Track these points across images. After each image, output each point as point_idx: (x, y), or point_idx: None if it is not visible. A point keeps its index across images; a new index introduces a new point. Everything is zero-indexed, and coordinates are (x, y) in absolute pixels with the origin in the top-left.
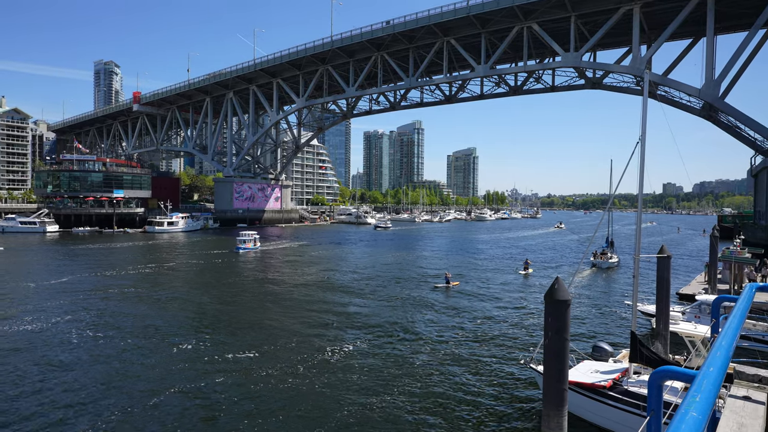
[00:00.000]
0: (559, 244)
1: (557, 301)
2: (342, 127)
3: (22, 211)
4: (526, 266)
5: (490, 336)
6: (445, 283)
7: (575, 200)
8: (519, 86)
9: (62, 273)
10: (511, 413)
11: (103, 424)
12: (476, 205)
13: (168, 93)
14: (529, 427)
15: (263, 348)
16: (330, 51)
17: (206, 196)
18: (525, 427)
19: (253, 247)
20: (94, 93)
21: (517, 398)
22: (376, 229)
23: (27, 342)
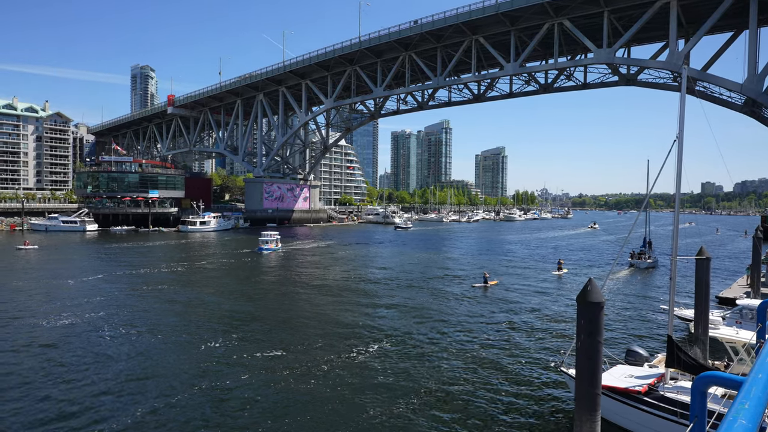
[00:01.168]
0: (592, 244)
1: (590, 303)
2: (369, 128)
3: (64, 211)
4: (559, 266)
5: (520, 337)
6: (483, 282)
7: (608, 200)
8: (549, 84)
9: (99, 271)
10: (541, 417)
11: (129, 419)
12: (505, 205)
13: (200, 95)
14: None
15: (291, 347)
16: (358, 52)
17: (237, 196)
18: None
19: (275, 248)
20: (130, 96)
21: (547, 402)
22: (396, 230)
23: (61, 337)
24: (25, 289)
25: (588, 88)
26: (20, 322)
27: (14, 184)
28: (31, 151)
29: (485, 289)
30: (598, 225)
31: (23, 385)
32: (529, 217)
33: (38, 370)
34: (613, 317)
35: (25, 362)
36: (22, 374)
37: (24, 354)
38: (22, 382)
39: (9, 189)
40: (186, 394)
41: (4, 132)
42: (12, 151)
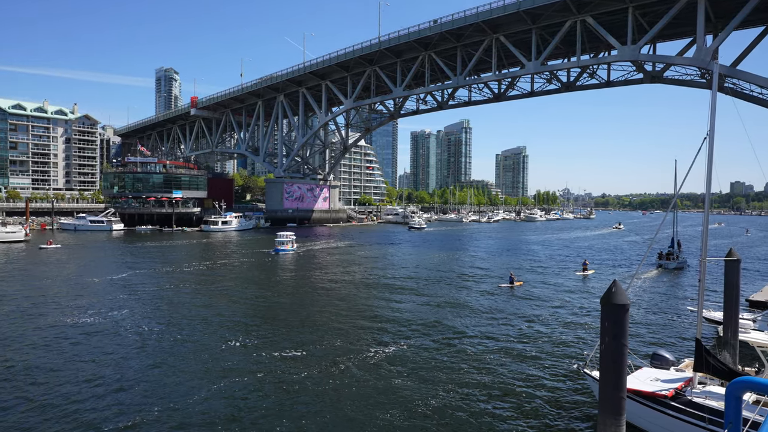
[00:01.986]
0: (618, 245)
1: (615, 305)
2: (389, 128)
3: (92, 211)
4: (584, 267)
5: (543, 338)
6: (509, 282)
7: (632, 200)
8: (572, 82)
9: (124, 269)
10: (563, 420)
11: (149, 414)
12: (526, 206)
13: (222, 97)
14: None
15: (310, 347)
16: (377, 52)
17: (258, 196)
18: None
19: (291, 249)
20: (155, 99)
21: (569, 404)
22: (410, 230)
23: (85, 333)
24: (51, 287)
25: (611, 86)
26: (46, 319)
27: (45, 185)
28: (60, 152)
29: (511, 289)
30: (623, 225)
31: (47, 380)
32: (551, 218)
33: (61, 365)
34: (639, 319)
35: (49, 357)
36: (45, 369)
37: (48, 349)
38: (46, 376)
39: (40, 189)
40: (205, 393)
41: (36, 134)
42: (43, 152)
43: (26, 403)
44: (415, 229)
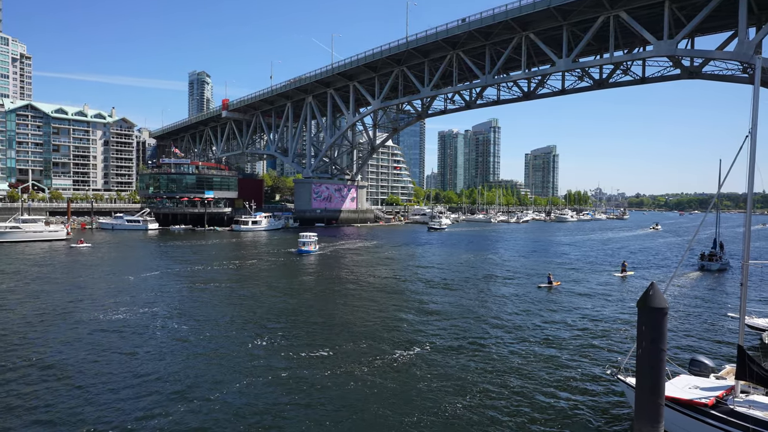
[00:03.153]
0: (656, 246)
1: (652, 309)
2: (416, 128)
3: (128, 211)
4: (623, 268)
5: (577, 341)
6: (548, 283)
7: (668, 200)
8: (604, 79)
9: (156, 267)
10: (595, 427)
11: (173, 410)
12: (556, 206)
13: (252, 99)
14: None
15: (336, 347)
16: (405, 52)
17: (287, 197)
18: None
19: (314, 250)
20: (188, 101)
21: (601, 411)
22: (429, 231)
23: (116, 330)
24: (88, 284)
25: (646, 83)
26: (81, 314)
27: (85, 186)
28: (99, 154)
29: (549, 289)
30: (660, 226)
31: (76, 373)
32: (583, 218)
33: (91, 360)
34: (677, 323)
35: (79, 353)
36: (69, 365)
37: (80, 344)
38: (76, 370)
39: (80, 190)
40: (229, 391)
41: (77, 137)
42: (83, 155)
43: (63, 393)
44: (435, 230)
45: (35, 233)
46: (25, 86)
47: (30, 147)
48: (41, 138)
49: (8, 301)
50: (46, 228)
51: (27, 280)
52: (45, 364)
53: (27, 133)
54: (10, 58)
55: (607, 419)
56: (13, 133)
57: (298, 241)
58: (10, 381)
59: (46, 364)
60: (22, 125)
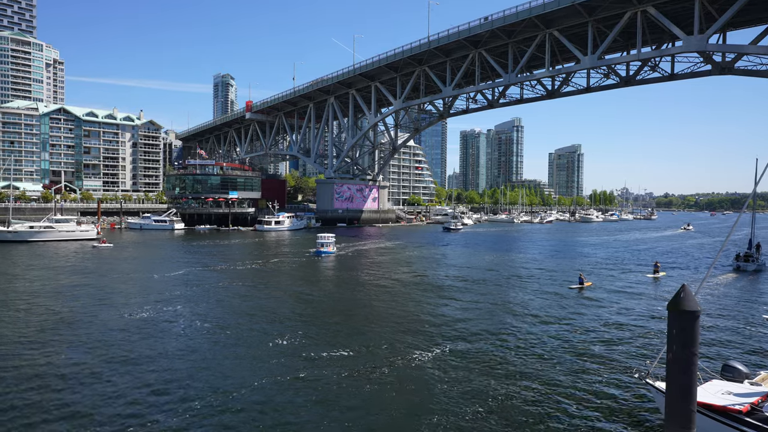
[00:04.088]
0: (689, 247)
1: (684, 312)
2: (438, 127)
3: (155, 211)
4: (656, 269)
5: (605, 343)
6: (579, 283)
7: (698, 200)
8: (631, 76)
9: (181, 266)
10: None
11: (191, 408)
12: (581, 206)
13: (275, 101)
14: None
15: (356, 348)
16: (427, 51)
17: (309, 197)
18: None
19: (333, 251)
20: (213, 104)
21: (629, 416)
22: (444, 231)
23: (139, 328)
24: (115, 282)
25: (675, 79)
26: (109, 312)
27: (114, 187)
28: (128, 156)
29: (580, 290)
30: (692, 226)
31: (99, 370)
32: (608, 219)
33: (113, 357)
34: (709, 326)
35: (103, 349)
36: (97, 361)
37: (105, 341)
38: (101, 367)
39: (110, 191)
40: (248, 390)
41: (106, 140)
42: (112, 156)
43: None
44: (450, 230)
45: (67, 233)
46: (58, 90)
47: (62, 149)
48: (73, 140)
49: (40, 298)
50: (77, 228)
51: (59, 278)
52: (71, 362)
53: (60, 136)
54: (44, 64)
55: (635, 425)
56: (46, 135)
57: (316, 242)
58: (36, 377)
59: (73, 361)
60: (55, 128)
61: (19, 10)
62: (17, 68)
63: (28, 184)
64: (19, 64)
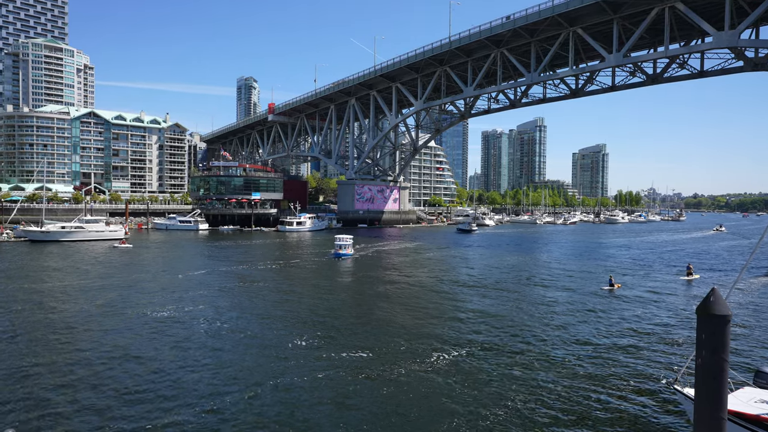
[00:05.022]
0: (721, 249)
1: (713, 316)
2: (459, 128)
3: (180, 212)
4: (689, 272)
5: (633, 347)
6: (609, 285)
7: (729, 201)
8: (659, 74)
9: (204, 266)
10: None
11: (209, 406)
12: (606, 207)
13: (297, 103)
14: None
15: (375, 349)
16: (448, 52)
17: (330, 198)
18: None
19: (351, 253)
20: (236, 106)
21: (657, 422)
22: (459, 233)
23: (160, 327)
24: (140, 281)
25: (705, 77)
26: (134, 310)
27: (141, 188)
28: (154, 158)
29: (611, 292)
30: (724, 227)
31: (119, 365)
32: (634, 219)
33: (136, 354)
34: (740, 331)
35: (126, 346)
36: (119, 357)
37: (126, 339)
38: (121, 362)
39: (137, 192)
40: (265, 389)
41: (134, 142)
42: (140, 158)
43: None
44: (464, 232)
45: (97, 233)
46: (88, 95)
47: (92, 152)
48: (102, 143)
49: (70, 296)
50: (106, 228)
51: (88, 277)
52: (97, 357)
53: (90, 139)
54: (75, 69)
55: (660, 430)
56: (77, 138)
57: (334, 244)
58: (62, 372)
59: (98, 356)
60: (85, 131)
61: (52, 18)
62: (50, 74)
63: (60, 186)
64: (51, 70)
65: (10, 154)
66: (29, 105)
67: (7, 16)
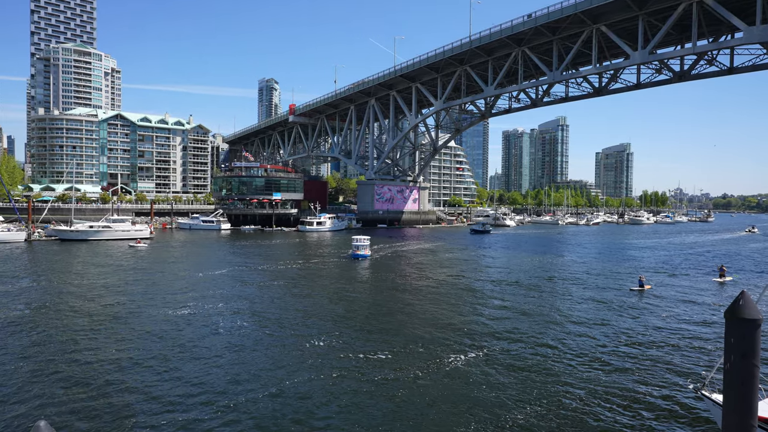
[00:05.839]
0: (751, 251)
1: (743, 320)
2: (480, 128)
3: (203, 212)
4: (721, 273)
5: (661, 349)
6: (639, 286)
7: (761, 201)
8: (686, 71)
9: (226, 265)
10: None
11: (225, 403)
12: (630, 207)
13: (318, 103)
14: None
15: (394, 350)
16: (468, 51)
17: (350, 198)
18: None
19: (368, 254)
20: (258, 108)
21: (683, 428)
22: (473, 234)
23: (181, 325)
24: (161, 280)
25: (735, 73)
26: (156, 308)
27: (165, 188)
28: (178, 159)
29: (640, 293)
30: (757, 229)
31: (143, 362)
32: (660, 220)
33: (159, 351)
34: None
35: (149, 343)
36: (142, 354)
37: (150, 335)
38: (144, 358)
39: (162, 192)
40: (283, 387)
41: (159, 144)
42: (164, 159)
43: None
44: (479, 233)
45: (123, 232)
46: (115, 97)
47: (119, 153)
48: (128, 145)
49: (95, 294)
50: (132, 228)
51: (116, 274)
52: (122, 352)
53: (116, 141)
54: (103, 73)
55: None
56: (104, 140)
57: (351, 245)
58: (86, 371)
59: (122, 352)
60: (112, 133)
61: (81, 23)
62: (79, 77)
63: (89, 186)
64: (81, 74)
65: (41, 155)
66: (59, 108)
67: (39, 22)
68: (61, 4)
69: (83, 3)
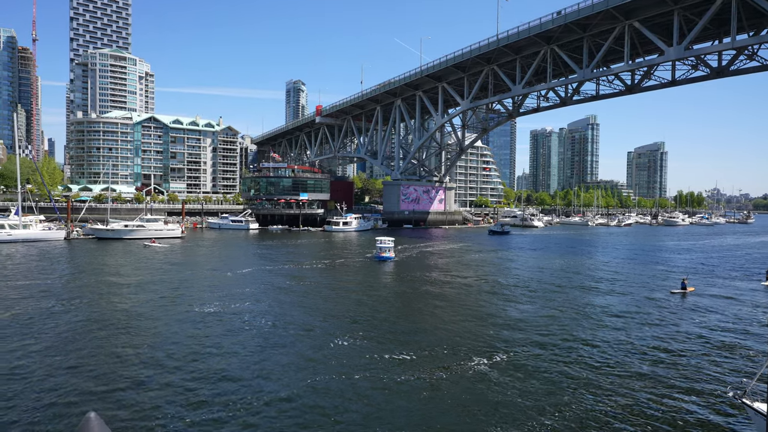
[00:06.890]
0: None
1: None
2: (507, 127)
3: (232, 212)
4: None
5: (701, 355)
6: (682, 288)
7: None
8: (724, 67)
9: (253, 264)
10: None
11: (247, 402)
12: (664, 208)
13: (344, 104)
14: None
15: (417, 351)
16: (495, 50)
17: (376, 198)
18: None
19: (393, 256)
20: (285, 109)
21: None
22: (490, 235)
23: (210, 322)
24: (190, 278)
25: None
26: (181, 306)
27: (196, 189)
28: (208, 160)
29: (683, 296)
30: None
31: (164, 358)
32: (696, 222)
33: (182, 349)
34: None
35: (180, 339)
36: (164, 350)
37: (179, 333)
38: (162, 358)
39: (192, 193)
40: (304, 387)
41: (190, 145)
42: (195, 161)
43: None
44: (497, 234)
45: (156, 231)
46: (149, 101)
47: (152, 154)
48: (161, 146)
49: (130, 290)
50: (164, 227)
51: (149, 271)
52: (152, 348)
53: (150, 142)
54: (137, 77)
55: None
56: (138, 142)
57: (376, 246)
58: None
59: (152, 347)
60: (146, 135)
61: (117, 29)
62: (115, 81)
63: (123, 187)
64: (116, 78)
65: (79, 157)
66: (96, 111)
67: (78, 29)
68: (98, 11)
69: (119, 9)
